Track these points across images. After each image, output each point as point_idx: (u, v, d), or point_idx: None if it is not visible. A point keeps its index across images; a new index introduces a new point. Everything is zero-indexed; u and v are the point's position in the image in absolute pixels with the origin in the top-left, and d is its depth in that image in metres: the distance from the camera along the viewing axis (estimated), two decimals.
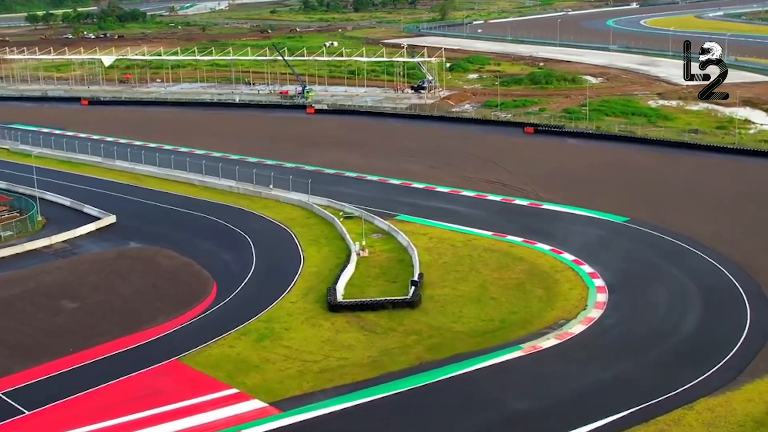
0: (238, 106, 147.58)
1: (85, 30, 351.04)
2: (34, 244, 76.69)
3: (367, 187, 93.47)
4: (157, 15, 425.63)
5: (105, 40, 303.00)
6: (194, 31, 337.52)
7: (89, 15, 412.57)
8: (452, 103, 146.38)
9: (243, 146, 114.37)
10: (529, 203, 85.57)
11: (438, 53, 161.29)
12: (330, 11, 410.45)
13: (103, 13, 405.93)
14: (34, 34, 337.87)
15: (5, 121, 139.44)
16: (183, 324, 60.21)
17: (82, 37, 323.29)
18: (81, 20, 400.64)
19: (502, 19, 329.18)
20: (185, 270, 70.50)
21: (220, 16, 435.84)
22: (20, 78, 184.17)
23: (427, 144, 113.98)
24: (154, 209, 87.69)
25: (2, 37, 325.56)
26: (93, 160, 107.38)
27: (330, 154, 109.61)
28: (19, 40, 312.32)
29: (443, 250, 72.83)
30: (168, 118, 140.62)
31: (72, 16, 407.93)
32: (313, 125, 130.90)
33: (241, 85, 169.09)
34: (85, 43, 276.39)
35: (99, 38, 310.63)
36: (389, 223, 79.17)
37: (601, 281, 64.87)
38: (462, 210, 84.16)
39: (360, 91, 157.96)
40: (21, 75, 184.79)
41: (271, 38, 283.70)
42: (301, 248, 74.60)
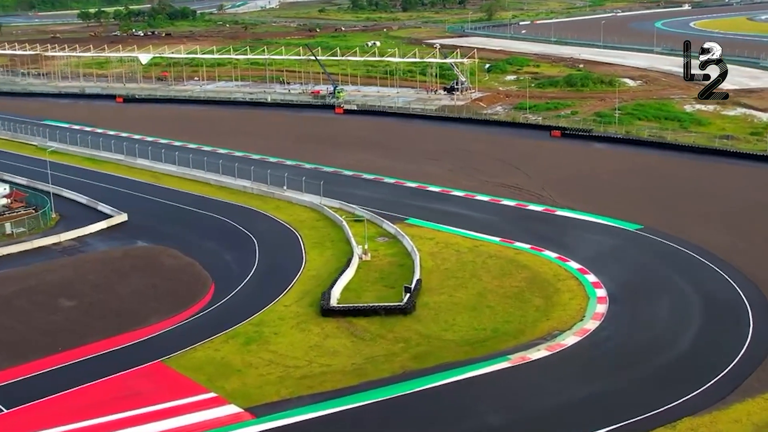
0: (269, 105, 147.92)
1: (135, 27, 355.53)
2: (43, 242, 77.28)
3: (382, 190, 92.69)
4: (206, 13, 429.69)
5: (152, 37, 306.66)
6: (241, 30, 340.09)
7: (140, 13, 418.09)
8: (484, 105, 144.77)
9: (266, 146, 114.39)
10: (543, 209, 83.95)
11: (471, 54, 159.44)
12: (378, 10, 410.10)
13: (153, 11, 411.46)
14: (85, 31, 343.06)
15: (39, 117, 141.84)
16: (175, 325, 60.12)
17: (131, 34, 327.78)
18: (132, 18, 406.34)
19: (549, 19, 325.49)
20: (186, 270, 70.47)
21: (270, 15, 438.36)
22: (61, 75, 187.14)
23: (451, 146, 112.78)
24: (166, 208, 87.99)
25: (53, 34, 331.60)
26: (115, 157, 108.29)
27: (351, 155, 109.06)
28: (69, 36, 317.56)
29: (447, 255, 71.73)
30: (198, 116, 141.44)
31: (123, 14, 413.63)
32: (339, 126, 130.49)
33: (275, 84, 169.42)
34: (132, 40, 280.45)
35: (147, 36, 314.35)
36: (397, 226, 78.25)
37: (604, 291, 63.23)
38: (474, 215, 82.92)
39: (392, 91, 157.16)
40: (62, 72, 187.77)
41: (315, 37, 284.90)
42: (304, 251, 74.10)
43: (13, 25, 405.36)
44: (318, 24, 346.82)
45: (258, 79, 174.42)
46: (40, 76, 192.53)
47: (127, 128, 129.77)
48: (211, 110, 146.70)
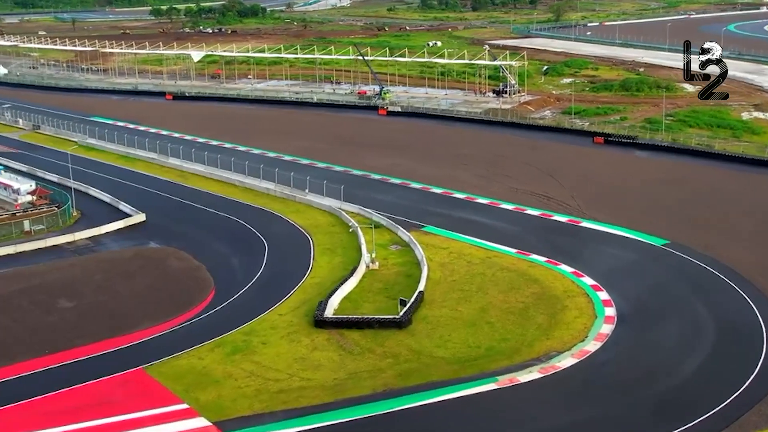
0: (314, 105, 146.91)
1: (203, 25, 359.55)
2: (57, 240, 77.40)
3: (406, 195, 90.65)
4: (276, 11, 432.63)
5: (219, 35, 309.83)
6: (310, 28, 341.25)
7: (211, 10, 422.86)
8: (532, 108, 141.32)
9: (300, 147, 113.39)
10: (568, 220, 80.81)
11: (525, 56, 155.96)
12: (447, 10, 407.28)
13: (224, 8, 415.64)
14: (155, 28, 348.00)
15: (88, 113, 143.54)
16: (166, 331, 59.22)
17: (198, 31, 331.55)
18: (202, 15, 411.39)
19: (620, 21, 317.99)
20: (190, 274, 69.71)
21: (339, 13, 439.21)
22: (118, 71, 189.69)
23: (487, 151, 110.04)
24: (187, 209, 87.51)
25: (123, 30, 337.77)
26: (148, 156, 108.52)
27: (384, 158, 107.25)
28: (138, 33, 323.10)
29: (457, 266, 69.37)
30: (242, 115, 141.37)
31: (194, 11, 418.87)
32: (379, 127, 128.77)
33: (326, 83, 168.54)
34: (197, 37, 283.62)
35: (214, 33, 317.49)
36: (412, 234, 76.14)
37: (613, 311, 60.18)
38: (495, 224, 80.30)
39: (441, 93, 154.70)
40: (120, 68, 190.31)
41: (378, 36, 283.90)
42: (313, 257, 72.55)
43: (88, 21, 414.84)
44: (384, 23, 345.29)
45: (309, 78, 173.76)
46: (99, 72, 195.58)
47: (169, 126, 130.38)
48: (255, 109, 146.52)
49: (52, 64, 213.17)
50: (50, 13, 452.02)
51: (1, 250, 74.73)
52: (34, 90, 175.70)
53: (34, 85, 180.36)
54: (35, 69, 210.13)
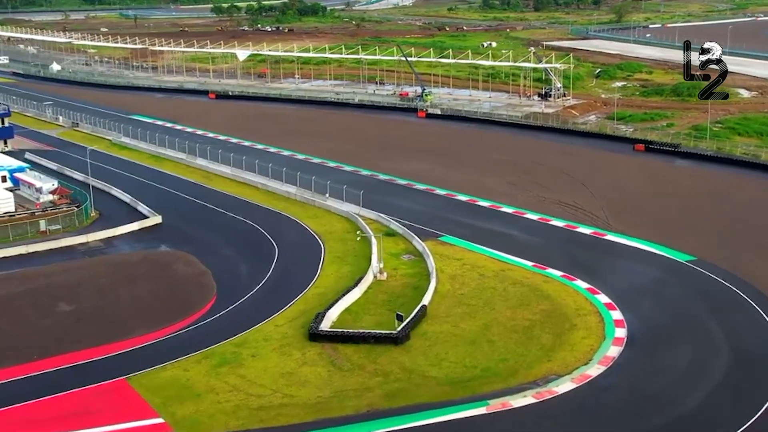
0: (354, 106, 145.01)
1: (262, 23, 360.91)
2: (70, 241, 76.90)
3: (429, 202, 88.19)
4: (336, 10, 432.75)
5: (275, 33, 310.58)
6: (365, 27, 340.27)
7: (272, 8, 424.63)
8: (576, 113, 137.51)
9: (331, 149, 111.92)
10: (592, 232, 77.46)
11: (567, 58, 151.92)
12: (508, 10, 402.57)
13: (285, 7, 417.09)
14: (215, 25, 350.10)
15: (129, 111, 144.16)
16: (158, 339, 57.84)
17: (256, 29, 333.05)
18: (263, 13, 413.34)
19: (684, 23, 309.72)
20: (195, 280, 68.44)
21: (399, 12, 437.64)
22: (167, 69, 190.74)
23: (522, 157, 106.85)
24: (206, 212, 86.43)
25: (182, 27, 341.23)
26: (177, 156, 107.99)
27: (414, 162, 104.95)
28: (197, 30, 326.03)
29: (468, 279, 66.77)
30: (281, 115, 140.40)
31: (255, 9, 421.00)
32: (415, 130, 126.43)
33: (371, 84, 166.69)
34: (252, 35, 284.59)
35: (272, 31, 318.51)
36: (427, 244, 73.71)
37: (624, 332, 57.00)
38: (515, 234, 77.40)
39: (484, 95, 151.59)
40: (170, 66, 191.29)
41: (434, 36, 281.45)
42: (321, 265, 70.61)
43: (151, 18, 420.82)
44: (443, 23, 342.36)
45: (354, 78, 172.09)
46: (148, 70, 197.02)
47: (205, 125, 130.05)
48: (295, 109, 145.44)
49: (106, 61, 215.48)
50: (116, 9, 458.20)
51: (14, 250, 74.42)
52: (83, 87, 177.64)
53: (83, 82, 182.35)
54: (88, 66, 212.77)
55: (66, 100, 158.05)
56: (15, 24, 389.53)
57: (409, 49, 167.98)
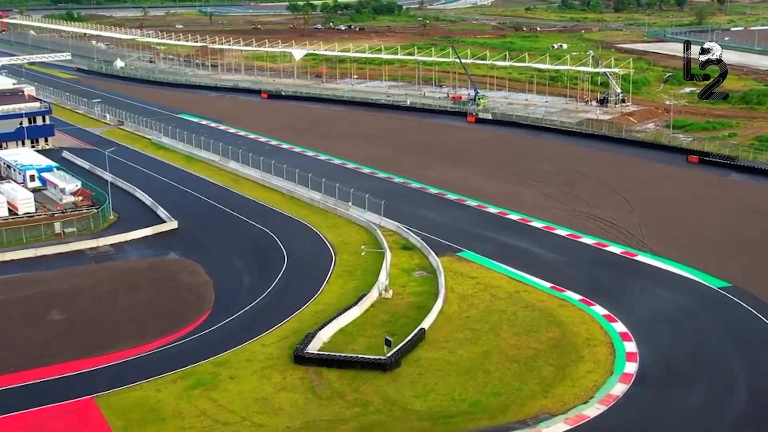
0: (404, 109, 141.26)
1: (336, 21, 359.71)
2: (80, 245, 75.45)
3: (457, 213, 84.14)
4: (411, 8, 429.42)
5: (347, 32, 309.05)
6: (438, 26, 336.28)
7: (347, 6, 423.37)
8: (634, 120, 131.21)
9: (370, 154, 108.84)
10: (623, 252, 72.33)
11: (627, 62, 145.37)
12: (587, 10, 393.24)
13: (360, 5, 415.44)
14: (289, 23, 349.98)
15: (177, 109, 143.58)
16: (141, 354, 55.55)
17: (328, 28, 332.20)
18: (338, 11, 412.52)
19: (763, 26, 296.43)
20: (195, 291, 66.21)
21: (476, 12, 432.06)
22: (227, 67, 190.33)
23: (566, 167, 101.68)
24: (225, 217, 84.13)
25: (254, 25, 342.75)
26: (210, 159, 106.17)
27: (453, 169, 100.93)
28: (269, 28, 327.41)
29: (479, 300, 62.72)
30: (328, 117, 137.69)
31: (330, 7, 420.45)
32: (461, 136, 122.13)
33: (427, 86, 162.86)
34: (321, 34, 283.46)
35: (343, 30, 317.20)
36: (443, 260, 69.87)
37: (635, 367, 52.33)
38: (540, 252, 72.84)
39: (540, 100, 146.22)
40: (231, 64, 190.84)
41: (505, 36, 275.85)
42: (327, 280, 67.36)
43: (228, 15, 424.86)
44: (519, 23, 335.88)
45: (411, 79, 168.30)
46: (209, 68, 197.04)
47: (248, 126, 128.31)
48: (343, 111, 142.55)
49: (170, 58, 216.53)
50: (195, 6, 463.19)
51: (22, 253, 73.32)
52: (141, 84, 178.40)
53: (142, 79, 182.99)
54: (152, 63, 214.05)
55: (120, 97, 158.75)
56: (96, 20, 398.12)
57: (464, 51, 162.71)
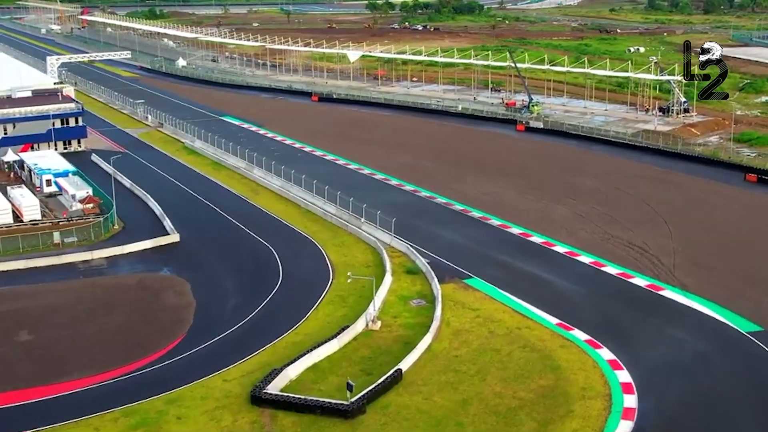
0: (454, 115, 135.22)
1: (413, 21, 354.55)
2: (73, 257, 72.45)
3: (476, 234, 78.21)
4: (492, 8, 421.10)
5: (420, 32, 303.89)
6: (517, 27, 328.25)
7: (427, 5, 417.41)
8: (696, 132, 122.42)
9: (404, 164, 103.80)
10: (648, 285, 65.38)
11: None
12: (674, 12, 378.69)
13: (440, 4, 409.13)
14: (364, 23, 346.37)
15: (222, 111, 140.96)
16: (92, 385, 51.74)
17: (404, 27, 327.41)
18: (417, 11, 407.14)
19: None
20: (174, 314, 62.37)
21: (559, 13, 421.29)
22: (285, 68, 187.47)
23: (610, 183, 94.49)
24: (230, 231, 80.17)
25: (330, 24, 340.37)
26: (237, 165, 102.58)
27: (487, 183, 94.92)
28: (344, 27, 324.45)
29: (474, 337, 57.07)
30: (373, 121, 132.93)
31: (409, 6, 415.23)
32: (507, 146, 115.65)
33: (484, 90, 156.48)
34: (394, 34, 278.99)
35: (417, 30, 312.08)
36: (446, 287, 64.49)
37: (630, 426, 45.97)
38: (555, 282, 66.50)
39: (600, 108, 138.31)
40: (293, 64, 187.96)
41: (582, 39, 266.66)
42: (317, 306, 62.48)
43: (309, 14, 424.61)
44: (601, 24, 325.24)
45: (466, 83, 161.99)
46: (268, 68, 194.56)
47: (288, 131, 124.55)
48: (390, 116, 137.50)
49: (234, 57, 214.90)
50: (278, 5, 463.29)
51: (13, 264, 70.72)
52: (196, 84, 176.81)
53: (198, 79, 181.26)
54: (215, 62, 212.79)
55: (171, 97, 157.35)
56: (177, 17, 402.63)
57: (536, 53, 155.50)
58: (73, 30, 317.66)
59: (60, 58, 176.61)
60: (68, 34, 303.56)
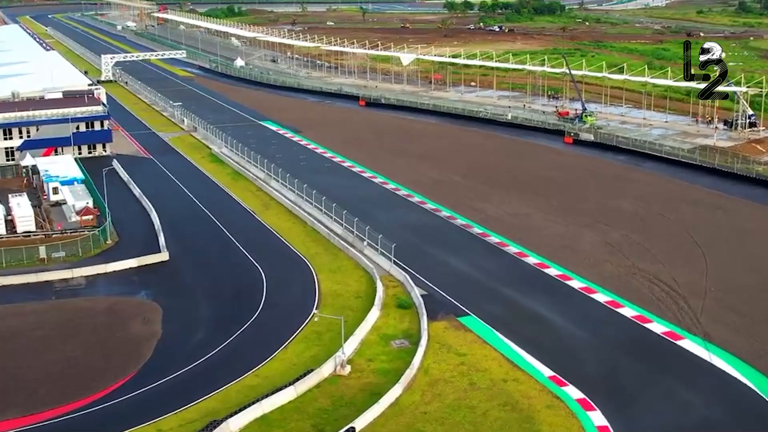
0: (500, 124, 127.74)
1: (490, 22, 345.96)
2: (52, 275, 68.39)
3: (486, 263, 71.34)
4: (573, 9, 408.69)
5: (493, 33, 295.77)
6: (597, 28, 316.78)
7: (506, 5, 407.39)
8: (762, 150, 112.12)
9: (433, 178, 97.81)
10: (665, 332, 57.61)
11: None
12: (766, 14, 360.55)
13: (520, 4, 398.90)
14: (440, 22, 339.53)
15: (264, 115, 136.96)
16: (17, 429, 46.91)
17: (478, 28, 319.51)
18: (497, 11, 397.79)
19: None
20: (135, 345, 57.44)
21: (644, 14, 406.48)
22: (342, 70, 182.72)
23: (652, 207, 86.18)
24: (225, 250, 75.05)
25: (404, 23, 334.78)
26: (256, 175, 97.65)
27: (516, 203, 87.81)
28: (418, 27, 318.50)
29: (450, 389, 50.57)
30: (414, 130, 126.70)
31: (488, 5, 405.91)
32: (550, 161, 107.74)
33: (541, 97, 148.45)
34: (464, 35, 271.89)
35: (492, 31, 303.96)
36: (436, 326, 58.20)
37: None
38: (560, 324, 59.34)
39: (660, 119, 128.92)
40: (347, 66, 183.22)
41: (663, 42, 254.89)
42: (288, 343, 56.73)
43: (386, 13, 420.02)
44: (685, 27, 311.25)
45: (525, 88, 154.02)
46: (323, 69, 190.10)
47: (323, 138, 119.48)
48: (435, 124, 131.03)
49: (296, 58, 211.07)
50: (357, 3, 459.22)
51: None
52: (248, 85, 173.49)
53: (252, 80, 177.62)
54: (274, 62, 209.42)
55: (216, 98, 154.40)
56: (255, 14, 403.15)
57: (607, 57, 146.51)
58: (147, 27, 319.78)
59: (115, 57, 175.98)
60: (141, 31, 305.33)
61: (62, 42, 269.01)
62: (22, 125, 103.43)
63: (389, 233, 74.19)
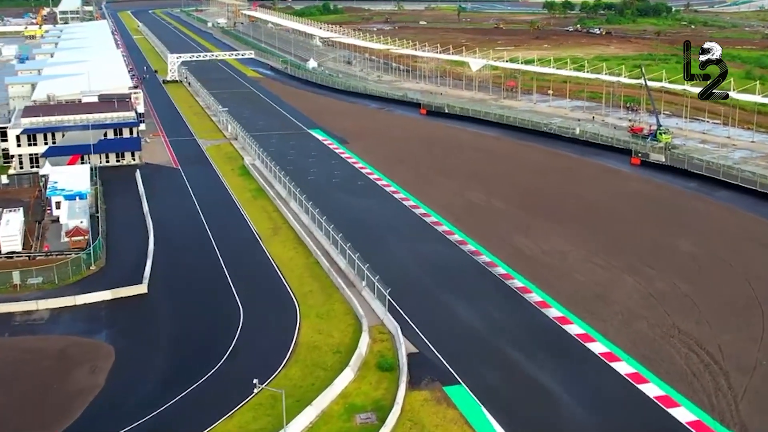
0: (564, 139, 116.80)
1: (590, 23, 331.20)
2: (14, 307, 62.34)
3: (499, 314, 61.76)
4: (679, 10, 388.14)
5: (588, 36, 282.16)
6: (701, 32, 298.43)
7: (609, 6, 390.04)
8: None
9: (473, 204, 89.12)
10: (690, 421, 47.11)
11: None
12: None
13: (624, 5, 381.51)
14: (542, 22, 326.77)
15: (314, 122, 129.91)
16: None
17: (576, 30, 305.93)
18: (598, 12, 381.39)
19: None
20: (69, 400, 50.55)
21: (757, 17, 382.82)
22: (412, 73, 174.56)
23: (711, 249, 74.80)
24: (212, 284, 67.60)
25: (497, 24, 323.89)
26: (278, 193, 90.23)
27: (552, 238, 77.67)
28: (512, 28, 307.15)
29: None
30: (469, 143, 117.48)
31: (590, 6, 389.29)
32: (609, 185, 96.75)
33: (620, 110, 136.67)
34: (558, 37, 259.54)
35: (590, 33, 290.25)
36: (416, 396, 49.31)
37: None
38: (566, 403, 49.60)
39: (746, 139, 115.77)
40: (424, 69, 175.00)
41: None
42: (236, 410, 48.70)
43: (483, 12, 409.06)
44: None
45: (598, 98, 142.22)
46: (397, 73, 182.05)
47: (367, 151, 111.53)
48: (493, 137, 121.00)
49: (371, 59, 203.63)
50: (456, 1, 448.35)
51: None
52: (313, 88, 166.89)
53: (318, 83, 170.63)
54: (349, 64, 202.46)
55: (274, 103, 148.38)
56: (351, 12, 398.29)
57: (653, 68, 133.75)
58: (235, 25, 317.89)
59: (181, 57, 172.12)
60: (229, 29, 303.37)
61: (148, 38, 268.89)
62: (45, 131, 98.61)
63: (398, 270, 66.14)
